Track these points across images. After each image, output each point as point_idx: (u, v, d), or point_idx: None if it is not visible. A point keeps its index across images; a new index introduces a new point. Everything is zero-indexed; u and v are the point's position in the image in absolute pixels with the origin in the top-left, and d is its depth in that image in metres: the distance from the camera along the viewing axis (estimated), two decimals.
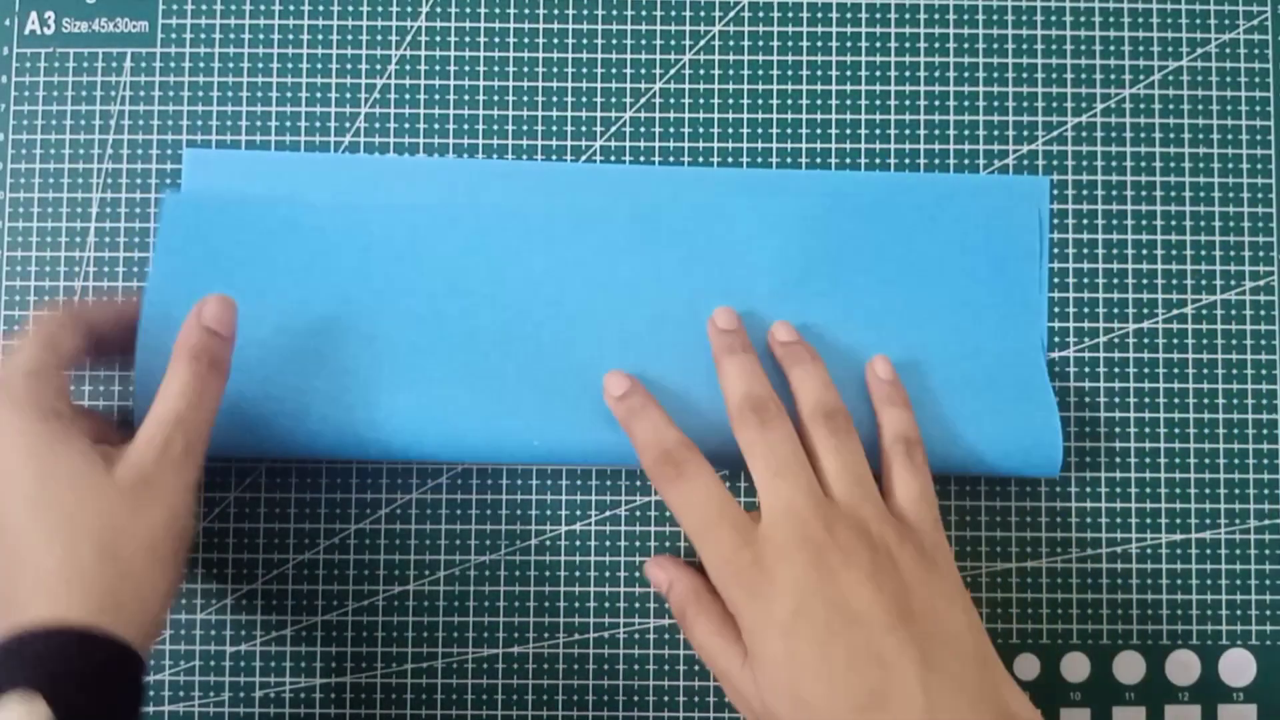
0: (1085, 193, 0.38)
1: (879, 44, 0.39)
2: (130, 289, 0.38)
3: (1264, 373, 0.38)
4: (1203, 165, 0.39)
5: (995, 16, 0.39)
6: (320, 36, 0.38)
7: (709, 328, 0.36)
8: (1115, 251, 0.38)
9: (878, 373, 0.36)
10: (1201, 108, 0.39)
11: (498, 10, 0.39)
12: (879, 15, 0.39)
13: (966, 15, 0.39)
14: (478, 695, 0.37)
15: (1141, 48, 0.39)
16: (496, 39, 0.39)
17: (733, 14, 0.39)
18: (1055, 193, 0.38)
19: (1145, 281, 0.38)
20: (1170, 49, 0.39)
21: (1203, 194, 0.38)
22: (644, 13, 0.39)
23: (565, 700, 0.37)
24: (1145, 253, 0.38)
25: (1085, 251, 0.38)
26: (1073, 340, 0.38)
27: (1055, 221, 0.38)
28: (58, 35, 0.38)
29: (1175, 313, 0.38)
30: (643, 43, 0.39)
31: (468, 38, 0.39)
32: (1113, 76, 0.39)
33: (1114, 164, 0.39)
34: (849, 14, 0.39)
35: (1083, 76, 0.39)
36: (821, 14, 0.39)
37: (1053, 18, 0.39)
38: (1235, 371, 0.38)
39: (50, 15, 0.38)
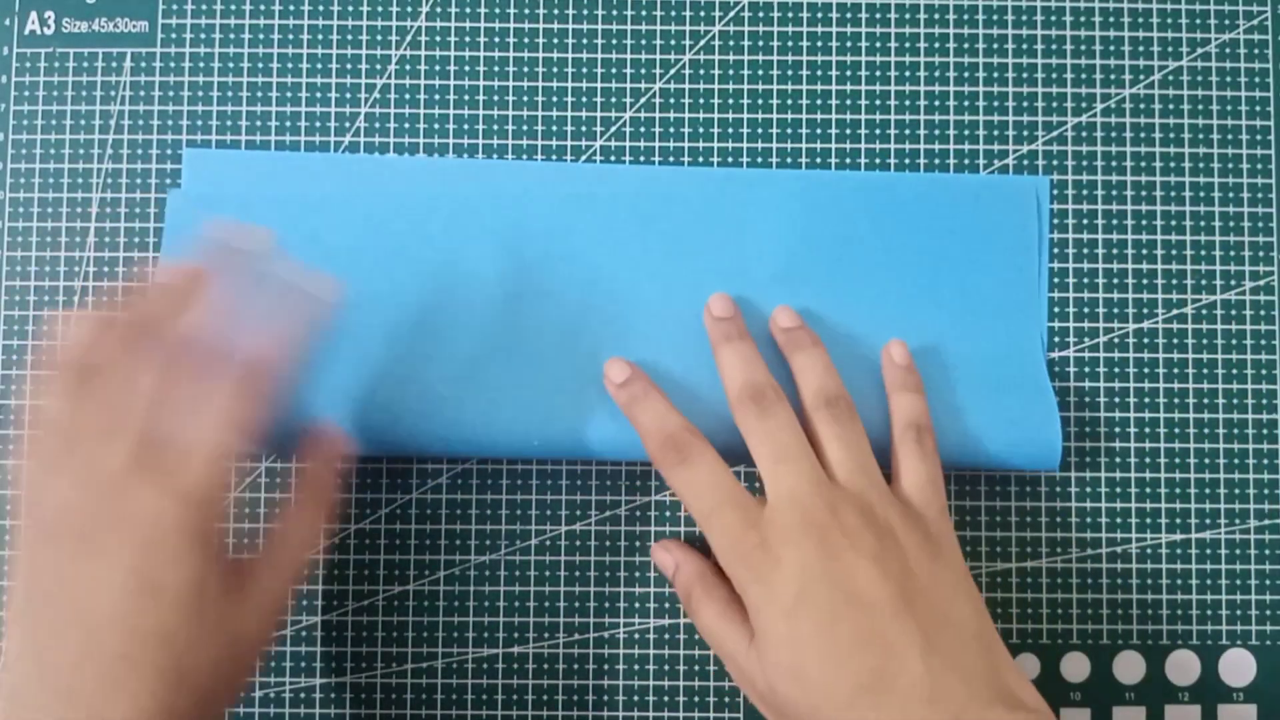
0: (1085, 193, 0.38)
1: (879, 44, 0.39)
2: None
3: (1264, 373, 0.38)
4: (1203, 165, 0.39)
5: (995, 16, 0.39)
6: (320, 36, 0.38)
7: (705, 316, 0.35)
8: (1115, 251, 0.38)
9: (893, 357, 0.35)
10: (1201, 108, 0.39)
11: (498, 10, 0.39)
12: (879, 15, 0.39)
13: (966, 15, 0.39)
14: (478, 695, 0.37)
15: (1141, 48, 0.39)
16: (496, 39, 0.39)
17: (732, 14, 0.39)
18: (1055, 193, 0.38)
19: (1145, 281, 0.38)
20: (1170, 49, 0.39)
21: (1203, 194, 0.38)
22: (644, 13, 0.39)
23: (565, 700, 0.37)
24: (1145, 253, 0.38)
25: (1085, 251, 0.38)
26: (1073, 340, 0.38)
27: (1055, 221, 0.38)
28: (58, 35, 0.38)
29: (1175, 313, 0.38)
30: (643, 43, 0.39)
31: (468, 38, 0.39)
32: (1113, 76, 0.39)
33: (1114, 164, 0.39)
34: (849, 14, 0.39)
35: (1083, 76, 0.39)
36: (821, 14, 0.39)
37: (1053, 18, 0.39)
38: (1235, 371, 0.38)
39: (50, 15, 0.38)
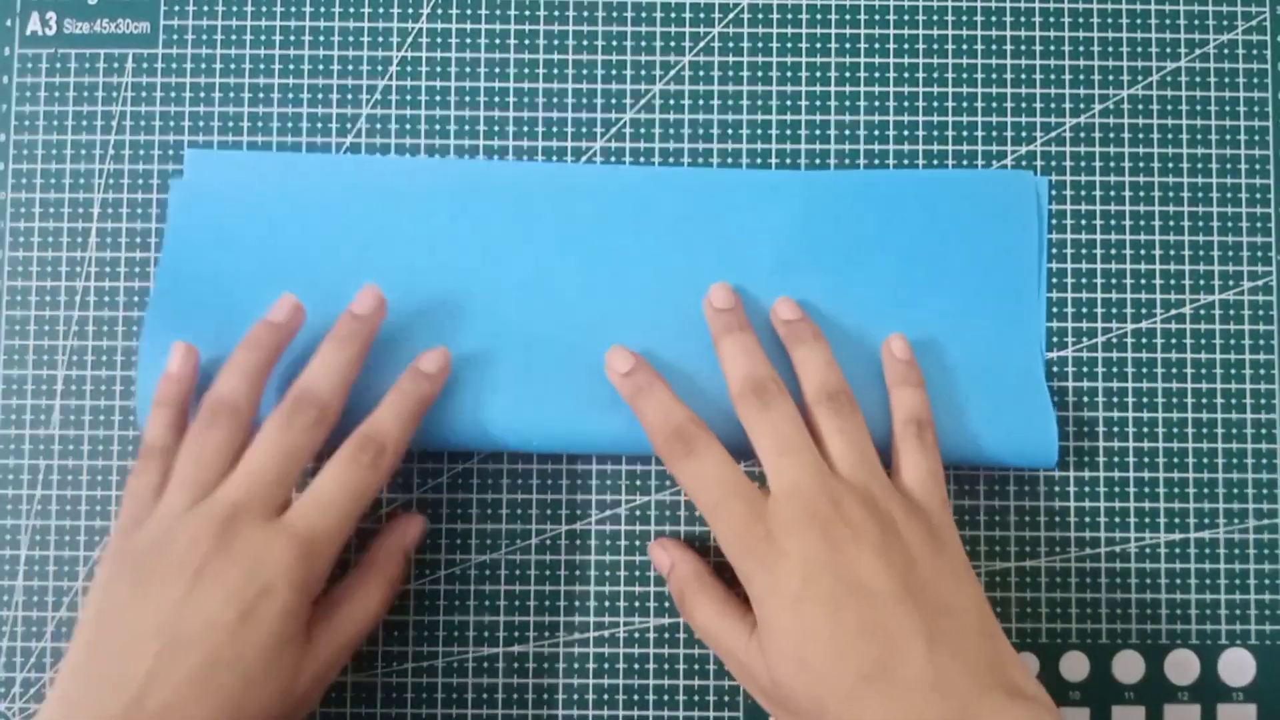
0: (1083, 193, 0.39)
1: (878, 45, 0.39)
2: (131, 290, 0.38)
3: (1262, 372, 0.38)
4: (1201, 166, 0.39)
5: (994, 18, 0.39)
6: (321, 38, 0.39)
7: (705, 307, 0.35)
8: (1113, 252, 0.38)
9: (894, 352, 0.35)
10: (1200, 108, 0.39)
11: (498, 12, 0.39)
12: (878, 17, 0.39)
13: (965, 17, 0.39)
14: (478, 695, 0.37)
15: (1140, 49, 0.39)
16: (497, 40, 0.39)
17: (732, 15, 0.39)
18: (1054, 193, 0.39)
19: (1143, 282, 0.38)
20: (1169, 50, 0.39)
21: (1201, 194, 0.39)
22: (644, 14, 0.39)
23: (565, 700, 0.37)
24: (1143, 253, 0.38)
25: (1083, 252, 0.38)
26: (1071, 340, 0.38)
27: (1054, 222, 0.39)
28: (59, 36, 0.38)
29: (1173, 313, 0.38)
30: (643, 44, 0.39)
31: (469, 39, 0.39)
32: (1111, 77, 0.39)
33: (1112, 165, 0.39)
34: (848, 15, 0.39)
35: (1081, 77, 0.39)
36: (821, 15, 0.39)
37: (1051, 19, 0.39)
38: (1233, 371, 0.38)
39: (52, 16, 0.38)
